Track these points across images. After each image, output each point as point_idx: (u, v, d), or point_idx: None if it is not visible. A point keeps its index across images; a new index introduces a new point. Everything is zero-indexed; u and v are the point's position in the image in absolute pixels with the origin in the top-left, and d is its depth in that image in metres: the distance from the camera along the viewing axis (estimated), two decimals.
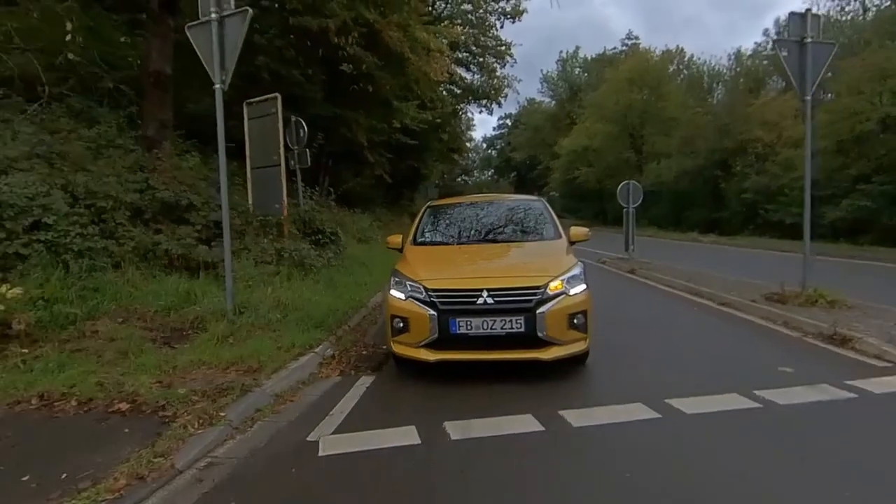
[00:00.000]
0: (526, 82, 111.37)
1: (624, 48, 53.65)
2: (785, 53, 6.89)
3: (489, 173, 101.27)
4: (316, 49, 12.73)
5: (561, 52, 64.09)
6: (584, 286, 4.54)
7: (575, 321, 4.38)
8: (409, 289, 4.56)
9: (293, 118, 10.58)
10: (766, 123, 27.05)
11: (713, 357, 5.08)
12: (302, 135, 10.67)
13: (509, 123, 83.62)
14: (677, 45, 58.02)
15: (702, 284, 8.74)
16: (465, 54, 27.35)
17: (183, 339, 4.89)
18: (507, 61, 28.81)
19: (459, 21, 25.64)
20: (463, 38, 23.94)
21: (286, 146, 10.11)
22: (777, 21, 54.69)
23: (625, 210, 13.41)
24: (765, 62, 39.47)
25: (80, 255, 5.83)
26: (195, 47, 5.66)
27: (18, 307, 4.53)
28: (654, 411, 3.60)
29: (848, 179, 20.45)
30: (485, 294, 4.33)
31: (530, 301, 4.29)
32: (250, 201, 8.91)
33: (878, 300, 7.08)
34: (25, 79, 9.05)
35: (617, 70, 39.26)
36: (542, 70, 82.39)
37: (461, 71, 28.00)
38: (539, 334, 4.25)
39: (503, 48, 27.43)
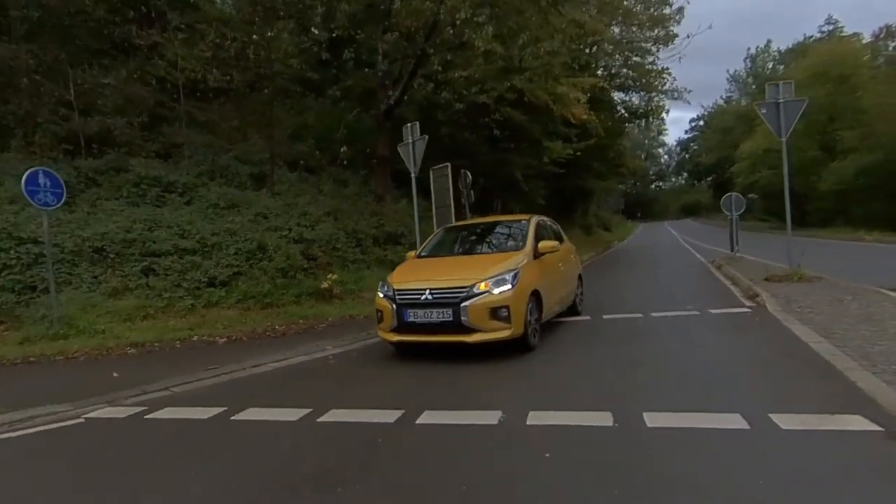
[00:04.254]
0: (717, 79, 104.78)
1: (822, 34, 50.16)
2: (764, 111, 10.08)
3: (683, 177, 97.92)
4: (480, 116, 17.93)
5: (748, 48, 61.36)
6: (508, 286, 5.56)
7: (499, 313, 5.46)
8: (386, 289, 6.03)
9: (462, 171, 15.91)
10: None
11: (660, 302, 8.86)
12: (468, 181, 15.95)
13: (702, 124, 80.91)
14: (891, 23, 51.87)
15: (741, 272, 11.70)
16: (622, 80, 30.53)
17: None
18: (666, 80, 31.15)
19: (616, 52, 28.94)
20: (614, 69, 27.04)
21: (460, 188, 15.50)
22: None
23: (729, 218, 16.13)
24: None
25: (352, 262, 11.79)
26: (401, 155, 11.18)
27: (334, 284, 10.40)
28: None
29: None
30: (427, 292, 5.62)
31: (457, 297, 5.46)
32: (435, 229, 14.38)
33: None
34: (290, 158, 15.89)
35: (799, 67, 38.04)
36: (727, 70, 78.31)
37: (619, 95, 31.29)
38: (463, 322, 5.40)
39: (659, 71, 30.00)
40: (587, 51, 20.93)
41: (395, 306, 5.78)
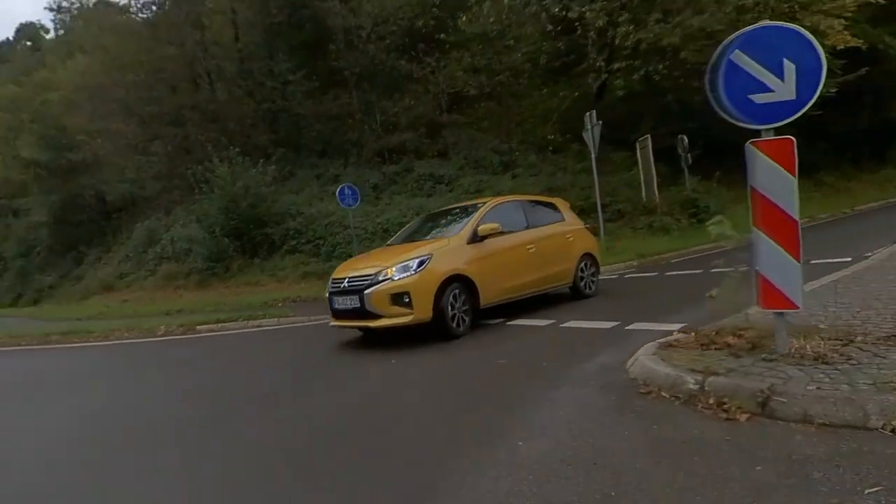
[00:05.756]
0: None
1: None
2: None
3: None
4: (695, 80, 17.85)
5: None
6: (411, 272, 5.63)
7: (403, 299, 5.55)
8: (330, 280, 6.44)
9: (679, 136, 16.74)
10: None
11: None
12: (686, 144, 16.75)
13: None
14: None
15: None
16: None
17: None
18: None
19: None
20: None
21: (679, 153, 16.54)
22: None
23: None
24: None
25: None
26: (585, 140, 13.50)
27: None
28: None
29: None
30: (346, 281, 5.92)
31: (363, 285, 5.71)
32: (644, 195, 15.94)
33: None
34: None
35: None
36: None
37: None
38: (367, 308, 5.61)
39: None
40: None
41: (328, 294, 6.32)
